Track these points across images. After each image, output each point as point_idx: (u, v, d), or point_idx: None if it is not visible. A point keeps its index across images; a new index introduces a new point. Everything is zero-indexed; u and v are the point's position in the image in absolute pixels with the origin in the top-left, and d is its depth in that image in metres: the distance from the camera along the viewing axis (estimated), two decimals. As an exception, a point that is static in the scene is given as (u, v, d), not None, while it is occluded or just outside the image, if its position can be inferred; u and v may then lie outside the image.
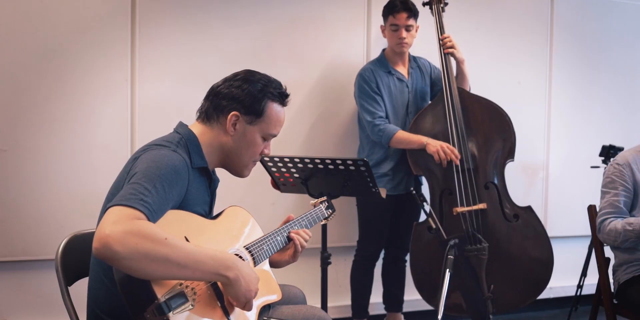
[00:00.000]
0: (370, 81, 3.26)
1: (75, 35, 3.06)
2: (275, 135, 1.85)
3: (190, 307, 1.47)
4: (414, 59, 3.44)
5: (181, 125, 1.82)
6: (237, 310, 1.64)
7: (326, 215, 2.22)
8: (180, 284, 1.48)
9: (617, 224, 2.53)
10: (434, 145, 3.14)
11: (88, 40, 3.08)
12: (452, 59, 3.33)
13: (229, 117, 1.76)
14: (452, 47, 3.29)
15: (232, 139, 1.79)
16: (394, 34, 3.26)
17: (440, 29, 3.36)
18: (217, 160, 1.83)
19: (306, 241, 1.98)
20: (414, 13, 3.24)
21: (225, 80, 1.82)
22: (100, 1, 3.11)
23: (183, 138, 1.75)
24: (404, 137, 3.20)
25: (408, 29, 3.24)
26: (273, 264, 2.00)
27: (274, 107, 1.81)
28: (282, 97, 1.83)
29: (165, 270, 1.41)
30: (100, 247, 1.34)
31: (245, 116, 1.77)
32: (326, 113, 3.56)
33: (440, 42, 3.32)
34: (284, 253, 1.99)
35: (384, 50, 3.40)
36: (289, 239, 1.96)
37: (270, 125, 1.81)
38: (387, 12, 3.27)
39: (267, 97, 1.79)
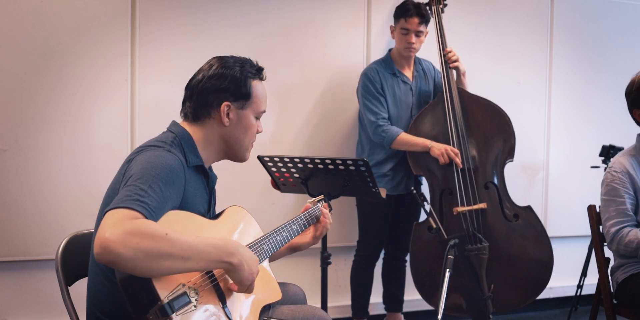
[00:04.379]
0: (375, 81, 3.26)
1: (75, 35, 3.06)
2: (264, 111, 1.88)
3: (193, 308, 1.47)
4: (419, 62, 3.44)
5: (174, 124, 1.82)
6: (239, 311, 1.64)
7: None
8: (183, 285, 1.48)
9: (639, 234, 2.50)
10: (438, 148, 3.14)
11: (88, 40, 3.08)
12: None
13: (222, 108, 1.77)
14: (456, 60, 3.31)
15: (229, 128, 1.80)
16: (403, 37, 3.26)
17: (441, 33, 3.36)
18: (216, 154, 1.83)
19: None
20: (426, 19, 3.24)
21: (203, 74, 1.80)
22: (100, 1, 3.11)
23: (177, 137, 1.75)
24: (407, 139, 3.21)
25: (418, 34, 3.25)
26: (295, 248, 2.09)
27: (257, 85, 1.83)
28: (259, 72, 1.85)
29: (170, 266, 1.40)
30: (102, 252, 1.32)
31: (235, 103, 1.78)
32: (326, 113, 3.56)
33: (444, 57, 3.31)
34: (305, 236, 2.09)
35: (390, 50, 3.40)
36: (313, 220, 2.09)
37: (260, 103, 1.84)
38: (400, 14, 3.26)
39: (248, 77, 1.80)
